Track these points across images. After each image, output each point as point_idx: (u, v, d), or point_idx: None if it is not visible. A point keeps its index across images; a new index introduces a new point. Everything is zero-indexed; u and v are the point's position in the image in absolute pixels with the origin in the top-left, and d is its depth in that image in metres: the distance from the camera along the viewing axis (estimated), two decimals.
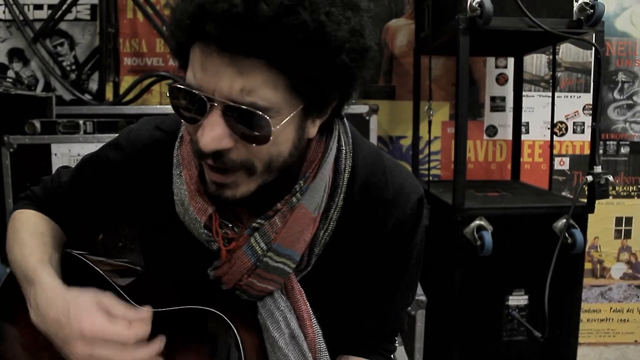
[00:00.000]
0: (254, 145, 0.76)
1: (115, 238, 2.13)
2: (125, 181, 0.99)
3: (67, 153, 2.17)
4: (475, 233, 2.12)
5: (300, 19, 0.68)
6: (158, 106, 2.93)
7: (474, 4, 2.02)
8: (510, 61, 3.04)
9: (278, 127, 0.75)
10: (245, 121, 0.73)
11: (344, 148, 0.92)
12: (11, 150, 2.18)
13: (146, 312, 0.83)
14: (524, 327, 2.21)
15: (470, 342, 2.22)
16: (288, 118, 0.76)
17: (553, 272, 2.07)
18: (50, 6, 3.19)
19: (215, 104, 0.73)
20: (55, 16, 2.99)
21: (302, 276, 0.92)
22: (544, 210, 2.22)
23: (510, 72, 3.06)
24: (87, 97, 2.98)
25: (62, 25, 3.16)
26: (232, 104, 0.73)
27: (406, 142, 3.09)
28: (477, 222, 2.14)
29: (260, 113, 0.73)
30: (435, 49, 2.57)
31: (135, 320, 0.81)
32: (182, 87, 0.76)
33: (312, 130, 0.84)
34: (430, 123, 2.53)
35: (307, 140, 0.85)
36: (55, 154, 2.18)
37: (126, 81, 3.14)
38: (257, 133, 0.74)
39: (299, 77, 0.73)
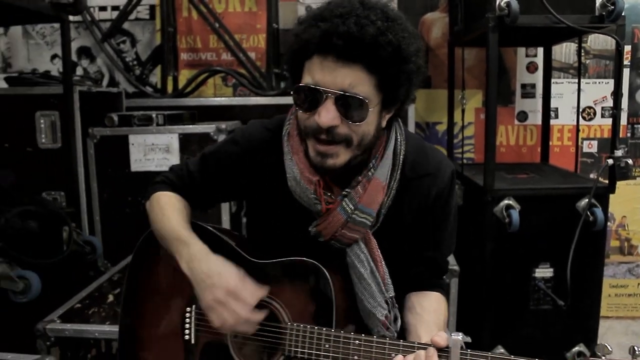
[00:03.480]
0: (355, 123, 1.10)
1: None
2: (242, 168, 1.32)
3: (142, 143, 2.48)
4: (504, 211, 2.34)
5: (389, 38, 1.06)
6: (214, 98, 3.22)
7: (501, 4, 2.21)
8: (540, 50, 3.22)
9: (371, 109, 1.10)
10: (350, 106, 1.09)
11: (399, 138, 1.27)
12: (95, 141, 2.51)
13: (264, 290, 1.20)
14: (549, 296, 2.42)
15: (499, 309, 2.45)
16: (375, 106, 1.12)
17: (576, 247, 2.26)
18: (113, 7, 3.52)
19: (330, 95, 1.08)
20: (121, 17, 3.30)
21: (374, 231, 1.25)
22: (568, 190, 2.41)
23: (540, 60, 3.24)
24: (148, 89, 3.28)
25: (124, 25, 3.47)
26: (343, 93, 1.07)
27: (441, 128, 3.32)
28: (505, 201, 2.36)
29: (362, 98, 1.08)
30: (467, 41, 2.77)
31: (255, 292, 1.18)
32: (305, 85, 1.12)
33: (384, 121, 1.20)
34: (463, 111, 2.75)
35: (380, 128, 1.19)
36: (132, 144, 2.49)
37: (183, 75, 3.43)
38: (359, 114, 1.10)
39: (383, 78, 1.10)
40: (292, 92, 1.15)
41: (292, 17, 3.24)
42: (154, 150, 2.48)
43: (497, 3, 2.23)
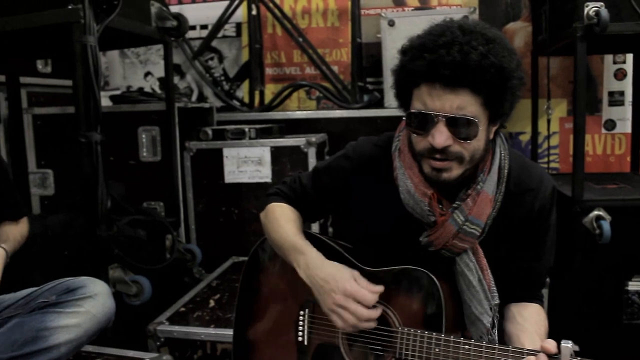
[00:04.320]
0: (465, 142, 1.17)
1: None
2: (353, 181, 1.40)
3: (236, 155, 2.62)
4: (594, 222, 2.29)
5: (491, 60, 1.12)
6: (300, 112, 3.32)
7: (590, 12, 2.18)
8: (629, 56, 3.13)
9: (480, 127, 1.17)
10: (460, 126, 1.16)
11: (502, 152, 1.32)
12: (191, 154, 2.67)
13: (379, 288, 1.26)
14: None
15: (590, 323, 2.39)
16: (483, 124, 1.18)
17: None
18: (202, 26, 3.71)
19: (441, 118, 1.16)
20: (211, 35, 3.48)
21: (480, 241, 1.31)
22: None
23: (629, 67, 3.16)
24: (236, 104, 3.44)
25: (213, 42, 3.65)
26: (453, 116, 1.15)
27: (525, 138, 3.29)
28: (595, 212, 2.31)
29: (471, 118, 1.15)
30: (553, 51, 2.74)
31: (372, 291, 1.25)
32: (417, 111, 1.19)
33: (491, 134, 1.26)
34: (549, 121, 2.73)
35: (488, 141, 1.25)
36: (227, 157, 2.63)
37: (268, 89, 3.58)
38: (469, 133, 1.17)
39: (489, 96, 1.16)
40: (404, 118, 1.24)
41: (374, 31, 3.32)
42: (247, 162, 2.60)
43: (586, 12, 2.20)
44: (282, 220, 1.44)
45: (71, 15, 1.86)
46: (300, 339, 1.38)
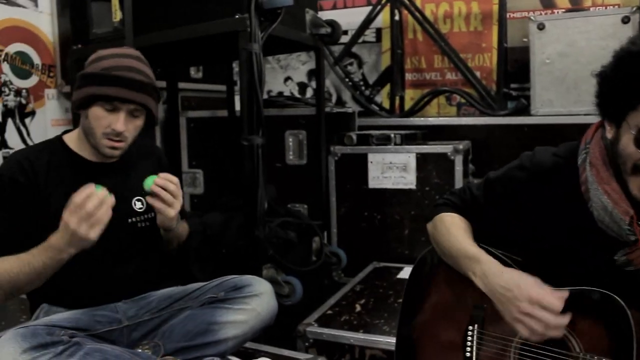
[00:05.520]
0: None
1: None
2: (529, 192, 1.33)
3: (380, 161, 2.62)
4: None
5: None
6: (442, 118, 3.27)
7: None
8: None
9: None
10: None
11: None
12: (336, 158, 2.71)
13: (564, 294, 1.19)
14: None
15: None
16: None
17: None
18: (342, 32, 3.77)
19: None
20: (353, 41, 3.53)
21: None
22: None
23: None
24: (375, 109, 3.45)
25: (352, 48, 3.69)
26: None
27: None
28: None
29: None
30: None
31: (558, 297, 1.18)
32: None
33: None
34: None
35: None
36: (371, 162, 2.64)
37: (407, 94, 3.56)
38: None
39: None
40: (636, 134, 1.12)
41: (519, 35, 3.20)
42: (391, 168, 2.60)
43: None
44: (453, 229, 1.40)
45: (238, 24, 1.95)
46: (468, 354, 1.34)
